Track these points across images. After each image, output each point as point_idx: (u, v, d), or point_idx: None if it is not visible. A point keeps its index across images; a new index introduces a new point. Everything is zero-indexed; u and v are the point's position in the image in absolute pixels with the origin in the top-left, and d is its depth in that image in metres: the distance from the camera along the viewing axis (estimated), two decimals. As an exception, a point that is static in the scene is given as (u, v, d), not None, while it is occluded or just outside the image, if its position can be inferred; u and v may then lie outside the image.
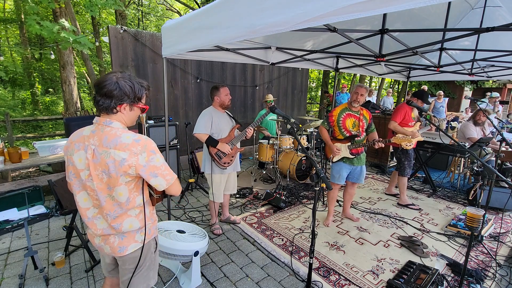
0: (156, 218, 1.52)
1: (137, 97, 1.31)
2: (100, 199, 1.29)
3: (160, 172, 1.29)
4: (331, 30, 2.22)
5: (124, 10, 8.97)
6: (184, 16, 2.38)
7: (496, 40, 3.58)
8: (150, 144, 1.28)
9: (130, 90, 1.27)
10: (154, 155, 1.27)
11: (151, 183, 1.30)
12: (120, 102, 1.26)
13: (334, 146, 3.10)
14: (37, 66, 12.66)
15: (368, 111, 3.19)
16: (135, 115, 1.37)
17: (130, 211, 1.33)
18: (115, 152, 1.21)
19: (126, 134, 1.26)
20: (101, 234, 1.35)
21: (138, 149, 1.23)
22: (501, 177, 1.85)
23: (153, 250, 1.48)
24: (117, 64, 4.55)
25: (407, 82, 6.27)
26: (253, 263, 2.64)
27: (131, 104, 1.30)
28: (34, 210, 3.41)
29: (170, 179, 1.32)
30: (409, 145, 3.60)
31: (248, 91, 6.45)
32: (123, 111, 1.30)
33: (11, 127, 5.41)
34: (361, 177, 3.20)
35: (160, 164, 1.28)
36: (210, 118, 2.84)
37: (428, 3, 1.08)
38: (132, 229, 1.35)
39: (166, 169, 1.31)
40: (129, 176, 1.26)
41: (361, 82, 15.82)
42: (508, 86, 13.19)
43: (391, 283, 2.28)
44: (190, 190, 4.36)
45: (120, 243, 1.35)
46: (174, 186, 1.35)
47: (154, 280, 1.52)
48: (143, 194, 1.34)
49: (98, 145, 1.23)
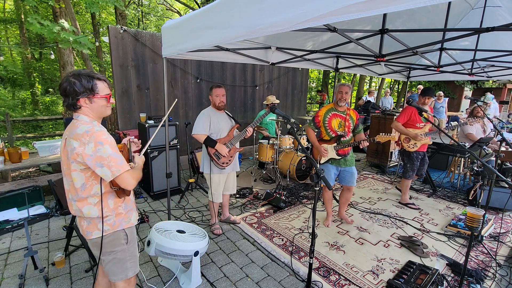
0: (126, 211, 1.56)
1: (88, 89, 1.38)
2: (67, 182, 1.46)
3: (106, 163, 1.34)
4: (331, 30, 2.22)
5: (124, 9, 8.97)
6: (184, 16, 2.38)
7: (496, 40, 3.58)
8: (99, 135, 1.35)
9: (79, 85, 1.36)
10: (101, 146, 1.33)
11: (97, 173, 1.36)
12: (76, 97, 1.37)
13: (321, 147, 3.05)
14: (37, 66, 12.66)
15: (355, 111, 3.13)
16: (100, 106, 1.45)
17: (89, 198, 1.43)
18: (71, 141, 1.35)
19: (83, 126, 1.36)
20: (76, 215, 1.50)
21: (87, 139, 1.32)
22: (501, 177, 1.85)
23: (123, 242, 1.54)
24: (117, 64, 4.55)
25: (407, 82, 6.27)
26: (253, 263, 2.64)
27: (89, 97, 1.40)
28: (34, 210, 3.41)
29: (116, 170, 1.35)
30: (411, 147, 3.68)
31: (248, 91, 6.45)
32: (84, 104, 1.40)
33: (11, 127, 5.40)
34: (352, 179, 3.12)
35: (106, 156, 1.33)
36: (208, 119, 2.84)
37: (428, 3, 1.08)
38: (91, 216, 1.44)
39: (113, 160, 1.35)
40: (80, 164, 1.36)
41: (361, 82, 15.80)
42: (508, 86, 13.19)
43: (391, 283, 2.28)
44: (190, 190, 4.36)
45: (87, 227, 1.48)
46: (122, 179, 1.38)
47: (132, 272, 1.60)
48: (101, 184, 1.41)
49: (68, 135, 1.40)
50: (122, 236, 1.54)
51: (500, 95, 13.05)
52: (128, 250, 1.56)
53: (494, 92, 12.63)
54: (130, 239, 1.58)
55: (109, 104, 1.50)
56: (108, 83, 1.50)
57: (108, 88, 1.48)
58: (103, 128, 1.46)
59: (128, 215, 1.57)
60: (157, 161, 4.06)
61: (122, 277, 1.56)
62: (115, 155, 1.37)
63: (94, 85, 1.40)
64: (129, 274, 1.58)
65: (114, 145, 1.41)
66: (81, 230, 1.53)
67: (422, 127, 3.58)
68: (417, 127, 3.58)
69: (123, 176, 1.37)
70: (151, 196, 4.06)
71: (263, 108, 6.51)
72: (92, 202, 1.43)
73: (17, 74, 11.43)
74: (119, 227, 1.52)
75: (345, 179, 3.15)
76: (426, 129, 3.58)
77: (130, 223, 1.59)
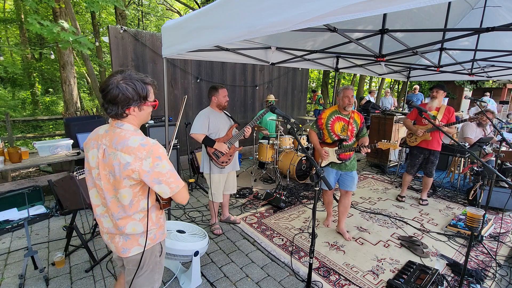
0: (164, 222, 1.50)
1: (142, 96, 1.25)
2: (107, 198, 1.29)
3: (165, 179, 1.24)
4: (331, 30, 2.22)
5: (124, 9, 8.97)
6: (184, 16, 2.38)
7: (496, 40, 3.59)
8: (157, 149, 1.22)
9: (133, 92, 1.22)
10: (160, 161, 1.22)
11: (154, 190, 1.26)
12: (127, 106, 1.23)
13: (322, 150, 2.94)
14: (37, 66, 12.66)
15: (360, 114, 3.02)
16: (146, 114, 1.33)
17: (134, 214, 1.32)
18: (121, 154, 1.19)
19: (134, 137, 1.23)
20: (107, 232, 1.37)
21: (144, 154, 1.19)
22: (501, 177, 1.85)
23: (157, 254, 1.46)
24: (117, 64, 4.55)
25: (407, 82, 6.27)
26: (253, 263, 2.64)
27: (139, 105, 1.26)
28: (34, 210, 3.41)
29: (175, 187, 1.27)
30: (412, 141, 3.88)
31: (248, 91, 6.45)
32: (133, 113, 1.27)
33: (11, 127, 5.41)
34: (352, 184, 3.01)
35: (166, 171, 1.23)
36: (207, 119, 2.84)
37: (428, 3, 1.08)
38: (135, 232, 1.33)
39: (172, 176, 1.26)
40: (133, 179, 1.24)
41: (361, 82, 15.81)
42: (508, 86, 13.18)
43: (391, 283, 2.28)
44: (190, 190, 4.36)
45: (124, 244, 1.35)
46: (180, 195, 1.30)
47: (158, 283, 1.50)
48: (148, 199, 1.31)
49: (108, 145, 1.23)
50: (157, 249, 1.45)
51: (500, 95, 13.04)
52: (159, 263, 1.49)
53: (494, 92, 12.63)
54: (163, 251, 1.51)
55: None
56: (155, 86, 1.36)
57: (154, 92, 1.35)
58: (156, 140, 1.32)
59: (164, 225, 1.49)
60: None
61: None
62: (173, 170, 1.27)
63: (148, 92, 1.28)
64: (155, 286, 1.49)
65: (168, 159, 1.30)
66: (113, 248, 1.40)
67: (427, 124, 3.72)
68: (423, 124, 3.77)
69: (181, 191, 1.30)
70: (151, 196, 4.05)
71: (263, 108, 6.51)
72: (137, 218, 1.32)
73: (17, 74, 11.44)
74: (158, 240, 1.44)
75: (344, 183, 3.03)
76: (429, 126, 3.68)
77: (164, 235, 1.51)
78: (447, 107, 3.68)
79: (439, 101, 3.68)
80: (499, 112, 10.94)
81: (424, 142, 3.77)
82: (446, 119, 3.63)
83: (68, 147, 3.90)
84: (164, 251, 1.51)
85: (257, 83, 6.55)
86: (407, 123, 3.90)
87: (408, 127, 3.91)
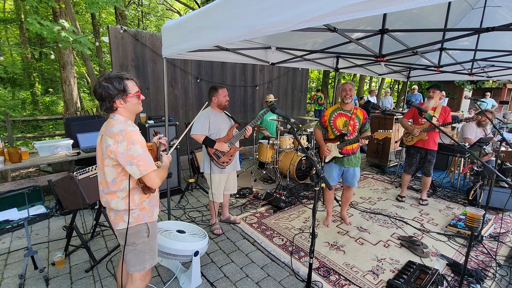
0: (150, 206, 1.66)
1: (120, 90, 1.47)
2: (99, 175, 1.60)
3: (135, 162, 1.44)
4: (331, 30, 2.22)
5: (124, 10, 8.97)
6: (184, 16, 2.38)
7: (496, 40, 3.58)
8: (132, 135, 1.45)
9: (113, 88, 1.46)
10: (133, 145, 1.43)
11: (127, 170, 1.47)
12: (112, 100, 1.48)
13: (325, 146, 3.09)
14: (37, 66, 12.66)
15: (363, 111, 3.11)
16: (133, 104, 1.56)
17: (118, 192, 1.54)
18: (107, 138, 1.45)
19: (118, 125, 1.47)
20: (105, 206, 1.63)
21: (120, 138, 1.43)
22: (501, 177, 1.85)
23: (145, 235, 1.63)
24: (117, 64, 4.55)
25: (407, 82, 6.27)
26: (253, 263, 2.64)
27: (123, 97, 1.50)
28: (34, 210, 3.41)
29: (144, 170, 1.46)
30: (409, 141, 3.90)
31: (248, 91, 6.45)
32: (120, 105, 1.51)
33: (11, 127, 5.40)
34: (354, 180, 3.12)
35: (137, 155, 1.44)
36: (208, 119, 2.84)
37: (428, 3, 1.08)
38: (118, 209, 1.55)
39: (142, 160, 1.45)
40: (112, 160, 1.47)
41: (361, 82, 15.83)
42: (508, 86, 13.17)
43: (391, 283, 2.28)
44: (190, 190, 4.36)
45: (114, 219, 1.60)
46: (148, 178, 1.48)
47: (150, 264, 1.67)
48: (129, 180, 1.52)
49: (104, 132, 1.51)
50: (144, 230, 1.62)
51: (500, 95, 13.04)
52: (148, 244, 1.65)
53: (494, 92, 12.62)
54: (152, 233, 1.67)
55: (140, 101, 1.60)
56: (135, 80, 1.58)
57: (137, 85, 1.57)
58: (136, 128, 1.55)
59: (151, 210, 1.67)
60: (157, 161, 4.05)
61: (139, 268, 1.64)
62: (145, 154, 1.47)
63: (125, 85, 1.50)
64: (146, 266, 1.66)
65: (144, 145, 1.51)
66: (110, 220, 1.66)
67: (423, 123, 3.74)
68: (419, 123, 3.80)
69: (149, 175, 1.47)
70: (151, 196, 4.05)
71: (263, 108, 6.51)
72: (120, 196, 1.54)
73: (17, 74, 11.43)
74: (142, 220, 1.61)
75: (346, 179, 3.17)
76: (426, 125, 3.69)
77: (153, 218, 1.68)
78: (443, 107, 3.69)
79: (436, 101, 3.71)
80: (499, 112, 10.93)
81: (421, 142, 3.78)
82: (442, 119, 3.66)
83: (68, 147, 3.90)
84: (152, 233, 1.67)
85: (257, 83, 6.55)
86: (404, 123, 3.94)
87: (404, 127, 3.94)
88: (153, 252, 1.70)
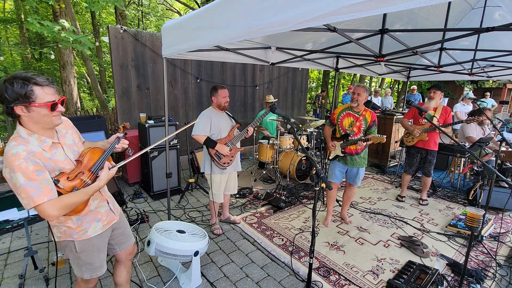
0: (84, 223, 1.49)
1: (20, 95, 1.17)
2: None
3: (18, 192, 1.19)
4: (331, 30, 2.22)
5: (124, 9, 8.97)
6: (184, 16, 2.37)
7: (496, 40, 3.58)
8: (12, 161, 1.17)
9: (10, 91, 1.17)
10: (13, 173, 1.17)
11: None
12: (9, 105, 1.18)
13: (330, 142, 3.17)
14: (37, 66, 12.66)
15: (373, 113, 3.10)
16: (39, 116, 1.24)
17: None
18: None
19: (11, 142, 1.22)
20: None
21: (5, 162, 1.19)
22: (501, 177, 1.85)
23: (74, 251, 1.51)
24: (117, 64, 4.55)
25: (407, 82, 6.27)
26: (253, 263, 2.64)
27: (25, 105, 1.20)
28: (34, 210, 3.41)
29: (27, 204, 1.20)
30: (409, 141, 3.91)
31: (248, 91, 6.45)
32: (22, 113, 1.22)
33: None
34: (357, 179, 3.17)
35: (18, 185, 1.17)
36: (209, 119, 2.84)
37: (428, 3, 1.08)
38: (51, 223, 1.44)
39: (23, 192, 1.18)
40: None
41: (361, 82, 15.82)
42: (508, 86, 13.18)
43: (391, 283, 2.28)
44: (190, 190, 4.36)
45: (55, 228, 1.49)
46: (39, 211, 1.23)
47: (88, 275, 1.58)
48: None
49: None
50: (72, 246, 1.50)
51: (500, 95, 13.05)
52: (80, 259, 1.53)
53: (494, 92, 12.63)
54: (82, 250, 1.51)
55: (56, 113, 1.28)
56: (55, 88, 1.27)
57: (53, 94, 1.25)
58: (30, 148, 1.23)
59: (82, 227, 1.48)
60: (157, 161, 4.06)
61: (79, 274, 1.59)
62: (26, 185, 1.17)
63: (29, 92, 1.18)
64: (84, 276, 1.58)
65: (31, 171, 1.19)
66: None
67: (424, 124, 3.75)
68: (420, 124, 3.81)
69: (38, 208, 1.21)
70: (151, 196, 4.06)
71: (263, 108, 6.51)
72: None
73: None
74: (70, 237, 1.47)
75: (350, 177, 3.22)
76: (426, 126, 3.70)
77: (85, 236, 1.50)
78: (444, 107, 3.69)
79: (436, 102, 3.71)
80: (499, 112, 10.94)
81: (421, 142, 3.79)
82: (443, 119, 3.66)
83: (68, 147, 3.89)
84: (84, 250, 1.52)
85: (257, 83, 6.55)
86: (404, 123, 3.95)
87: (405, 127, 3.95)
88: (91, 266, 1.57)
